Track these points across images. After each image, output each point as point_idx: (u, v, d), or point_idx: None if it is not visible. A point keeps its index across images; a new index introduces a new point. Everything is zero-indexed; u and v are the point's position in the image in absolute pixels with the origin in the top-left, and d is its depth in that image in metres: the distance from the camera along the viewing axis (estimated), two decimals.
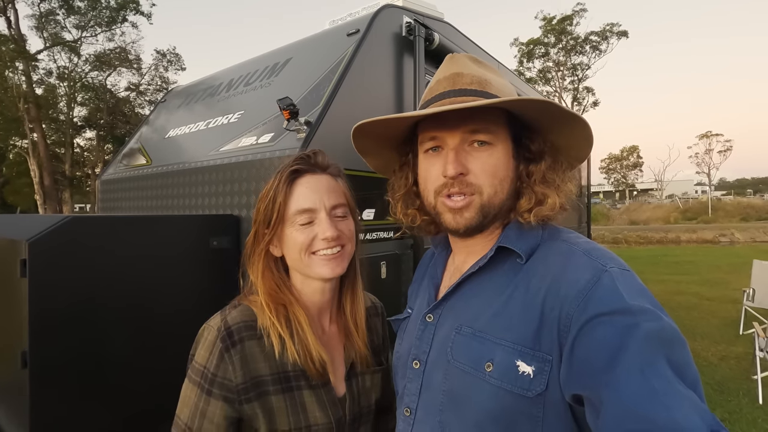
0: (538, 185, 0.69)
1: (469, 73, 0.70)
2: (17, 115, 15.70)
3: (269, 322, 0.78)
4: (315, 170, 0.84)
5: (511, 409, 0.59)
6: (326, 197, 0.82)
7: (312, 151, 0.87)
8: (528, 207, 0.68)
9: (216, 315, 0.81)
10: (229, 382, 0.74)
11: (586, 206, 5.83)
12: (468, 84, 0.69)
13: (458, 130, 0.67)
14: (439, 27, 2.33)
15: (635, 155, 50.43)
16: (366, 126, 0.74)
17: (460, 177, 0.66)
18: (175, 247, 1.38)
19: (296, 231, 0.80)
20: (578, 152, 0.73)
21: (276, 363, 0.77)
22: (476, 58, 0.75)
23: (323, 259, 0.81)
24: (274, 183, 0.82)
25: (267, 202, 0.82)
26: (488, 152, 0.67)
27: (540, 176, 0.69)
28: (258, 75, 2.36)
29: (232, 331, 0.76)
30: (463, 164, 0.66)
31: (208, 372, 0.74)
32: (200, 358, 0.76)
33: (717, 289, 7.86)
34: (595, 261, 0.60)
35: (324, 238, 0.80)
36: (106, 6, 17.38)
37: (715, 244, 19.36)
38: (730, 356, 4.37)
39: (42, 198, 15.66)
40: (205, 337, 0.78)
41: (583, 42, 26.25)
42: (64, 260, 1.11)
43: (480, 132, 0.67)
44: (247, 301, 0.83)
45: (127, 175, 2.51)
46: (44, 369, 1.06)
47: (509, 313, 0.63)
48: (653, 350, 0.49)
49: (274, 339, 0.77)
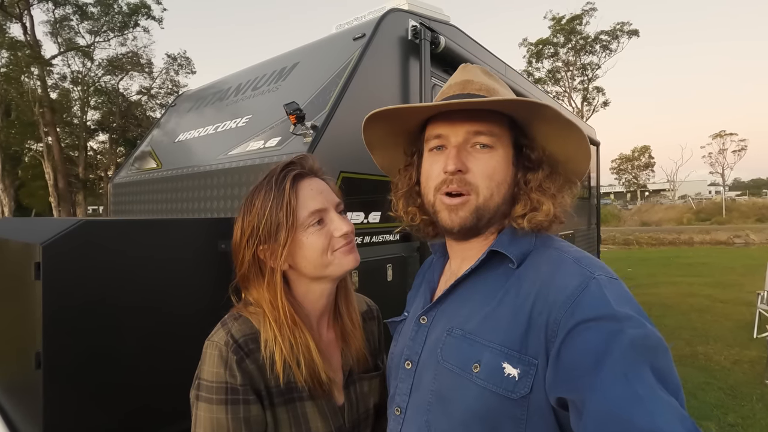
0: (534, 192, 0.70)
1: (479, 81, 0.74)
2: (33, 119, 16.05)
3: (279, 349, 0.74)
4: (309, 174, 0.83)
5: (496, 410, 0.60)
6: (329, 195, 0.83)
7: (302, 156, 0.85)
8: (522, 212, 0.70)
9: (218, 329, 0.78)
10: (255, 386, 0.73)
11: (596, 207, 5.78)
12: (477, 90, 0.73)
13: (462, 129, 0.70)
14: (445, 30, 2.33)
15: (647, 155, 49.83)
16: (378, 116, 0.76)
17: (459, 174, 0.69)
18: (185, 250, 1.40)
19: (313, 234, 0.78)
20: (576, 166, 0.75)
21: (278, 375, 0.76)
22: (487, 71, 0.79)
23: (343, 252, 0.80)
24: (275, 191, 0.77)
25: (272, 212, 0.76)
26: (489, 155, 0.69)
27: (537, 184, 0.71)
28: (266, 79, 2.39)
29: (240, 343, 0.74)
30: (464, 162, 0.69)
31: (230, 385, 0.71)
32: (215, 375, 0.71)
33: (731, 292, 7.71)
34: (583, 269, 0.62)
35: (342, 234, 0.79)
36: (118, 11, 17.72)
37: (729, 245, 19.01)
38: (743, 360, 4.29)
39: (56, 200, 15.97)
40: (212, 353, 0.73)
41: (593, 41, 26.02)
42: (76, 263, 1.13)
43: (483, 134, 0.69)
44: (246, 313, 0.79)
45: (138, 178, 2.55)
46: (57, 369, 1.08)
47: (499, 317, 0.64)
48: (637, 357, 0.50)
49: (278, 361, 0.74)
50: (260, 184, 0.81)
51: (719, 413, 3.23)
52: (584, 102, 27.30)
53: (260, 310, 0.79)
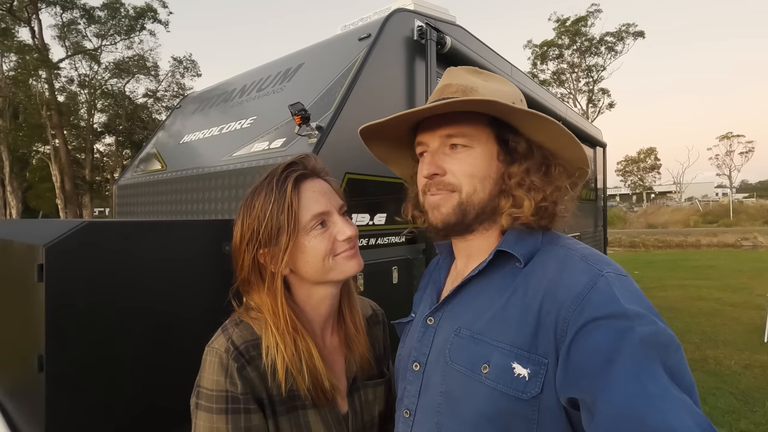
0: (515, 189, 0.70)
1: (457, 83, 0.74)
2: (40, 122, 16.22)
3: (281, 356, 0.72)
4: (312, 175, 0.81)
5: (506, 411, 0.59)
6: (332, 197, 0.80)
7: (304, 155, 0.83)
8: (506, 209, 0.70)
9: (218, 336, 0.75)
10: (257, 395, 0.71)
11: (602, 209, 5.73)
12: (453, 93, 0.73)
13: (436, 134, 0.72)
14: (451, 30, 2.32)
15: (652, 157, 49.48)
16: (369, 132, 0.79)
17: (436, 177, 0.71)
18: (189, 252, 1.39)
19: (315, 238, 0.76)
20: (565, 152, 0.72)
21: (280, 383, 0.73)
22: (475, 69, 0.79)
23: (346, 256, 0.78)
24: (276, 193, 0.75)
25: (273, 215, 0.74)
26: (466, 153, 0.71)
27: (518, 179, 0.70)
28: (270, 80, 2.38)
29: (241, 350, 0.72)
30: (439, 165, 0.71)
31: (231, 393, 0.68)
32: (215, 383, 0.69)
33: (740, 295, 7.62)
34: (592, 266, 0.61)
35: (346, 238, 0.77)
36: (125, 15, 17.87)
37: (737, 248, 18.80)
38: (754, 365, 4.23)
39: (63, 202, 16.10)
40: (212, 360, 0.71)
41: (598, 43, 25.92)
42: (80, 265, 1.12)
43: (454, 136, 0.71)
44: (248, 318, 0.77)
45: (143, 180, 2.55)
46: (60, 372, 1.07)
47: (507, 316, 0.64)
48: (648, 354, 0.50)
49: (280, 369, 0.72)
50: (260, 184, 0.78)
51: (731, 419, 3.18)
52: (589, 104, 27.18)
53: (262, 315, 0.76)
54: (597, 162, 5.45)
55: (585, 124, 5.10)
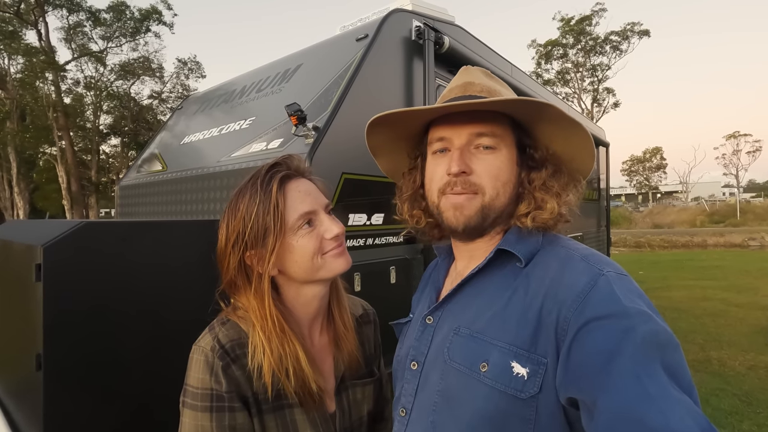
0: (538, 191, 0.70)
1: (480, 83, 0.75)
2: (47, 124, 16.34)
3: (267, 360, 0.72)
4: (296, 175, 0.81)
5: (504, 410, 0.59)
6: (318, 196, 0.80)
7: (287, 156, 0.82)
8: (526, 211, 0.70)
9: (205, 334, 0.76)
10: (242, 393, 0.71)
11: (606, 209, 5.70)
12: (478, 91, 0.73)
13: (465, 131, 0.70)
14: (449, 30, 2.32)
15: (658, 157, 49.12)
16: (380, 121, 0.76)
17: (463, 176, 0.69)
18: (187, 252, 1.40)
19: (303, 238, 0.76)
20: (581, 164, 0.75)
21: (266, 383, 0.73)
22: (488, 73, 0.80)
23: (334, 255, 0.78)
24: (261, 194, 0.74)
25: (259, 216, 0.73)
26: (493, 155, 0.70)
27: (540, 183, 0.70)
28: (269, 81, 2.40)
29: (227, 349, 0.72)
30: (467, 164, 0.69)
31: (215, 392, 0.69)
32: (200, 382, 0.69)
33: (746, 296, 7.53)
34: (592, 266, 0.62)
35: (333, 236, 0.77)
36: (130, 17, 17.99)
37: (744, 248, 18.61)
38: (759, 366, 4.18)
39: (69, 203, 16.23)
40: (198, 359, 0.71)
41: (603, 42, 25.76)
42: (77, 265, 1.13)
43: (485, 135, 0.69)
44: (235, 317, 0.77)
45: (144, 180, 2.57)
46: (58, 371, 1.08)
47: (507, 316, 0.64)
48: (648, 354, 0.50)
49: (266, 372, 0.72)
50: (244, 186, 0.78)
51: (734, 421, 3.15)
52: (594, 103, 27.03)
53: (248, 314, 0.77)
54: (600, 162, 5.43)
55: (588, 123, 5.08)
